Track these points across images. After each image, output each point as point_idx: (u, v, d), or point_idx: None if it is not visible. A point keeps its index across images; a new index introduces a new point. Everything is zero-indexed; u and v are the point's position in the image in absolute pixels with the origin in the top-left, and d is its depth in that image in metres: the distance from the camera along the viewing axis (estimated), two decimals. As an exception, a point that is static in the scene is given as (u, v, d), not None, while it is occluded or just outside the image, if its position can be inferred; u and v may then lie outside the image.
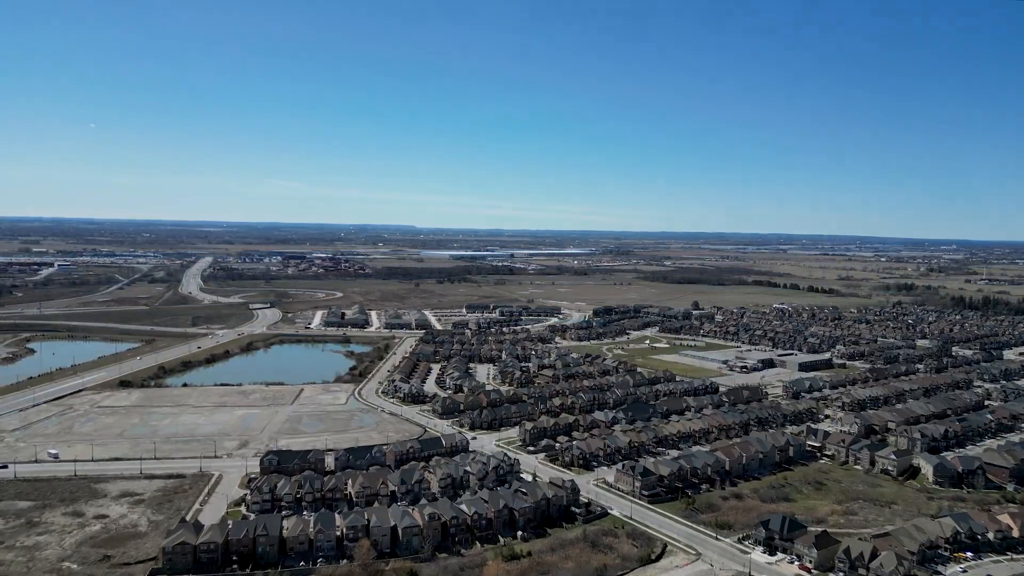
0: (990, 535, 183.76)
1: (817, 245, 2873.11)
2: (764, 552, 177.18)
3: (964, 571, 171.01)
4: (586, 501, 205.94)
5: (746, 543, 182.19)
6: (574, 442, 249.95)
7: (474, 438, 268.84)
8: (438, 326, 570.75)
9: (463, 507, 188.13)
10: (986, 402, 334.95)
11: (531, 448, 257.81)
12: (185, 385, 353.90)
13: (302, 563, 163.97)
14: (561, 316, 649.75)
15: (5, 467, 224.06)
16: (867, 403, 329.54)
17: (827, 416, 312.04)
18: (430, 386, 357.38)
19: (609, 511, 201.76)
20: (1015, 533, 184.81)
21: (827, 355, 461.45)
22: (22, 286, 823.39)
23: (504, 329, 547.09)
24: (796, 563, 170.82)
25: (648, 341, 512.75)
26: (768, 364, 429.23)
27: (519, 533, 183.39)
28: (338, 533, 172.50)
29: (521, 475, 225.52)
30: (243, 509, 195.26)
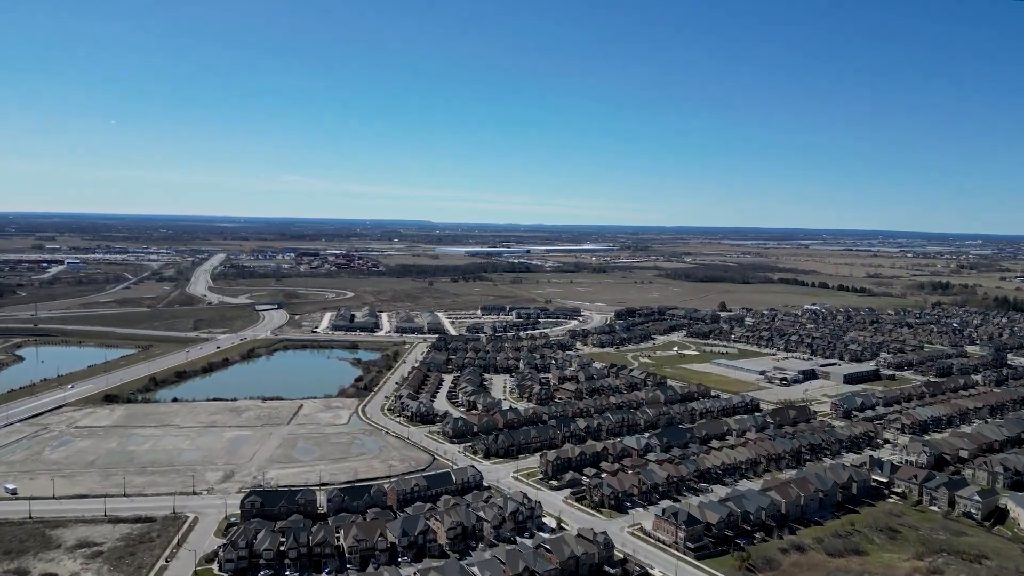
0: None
1: (839, 240, 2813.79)
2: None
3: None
4: (621, 557, 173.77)
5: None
6: (604, 477, 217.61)
7: (489, 468, 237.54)
8: (452, 330, 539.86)
9: (475, 570, 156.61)
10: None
11: (554, 483, 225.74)
12: (175, 400, 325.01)
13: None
14: (581, 318, 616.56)
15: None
16: (929, 424, 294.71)
17: (886, 441, 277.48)
18: (441, 402, 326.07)
19: (650, 571, 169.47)
20: None
21: (872, 364, 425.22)
22: (28, 285, 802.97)
23: (521, 334, 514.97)
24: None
25: (676, 348, 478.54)
26: (809, 375, 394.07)
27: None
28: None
29: (543, 520, 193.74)
30: (215, 568, 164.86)
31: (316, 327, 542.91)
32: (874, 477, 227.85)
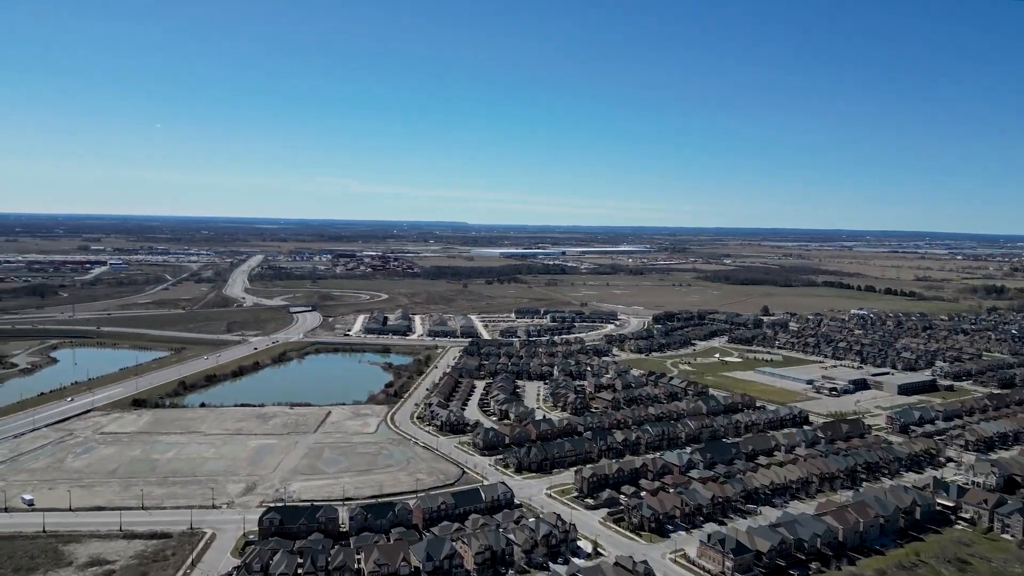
0: None
1: (884, 242, 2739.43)
2: None
3: None
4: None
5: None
6: (643, 497, 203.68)
7: (520, 483, 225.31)
8: (485, 334, 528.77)
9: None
10: None
11: (590, 501, 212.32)
12: (203, 405, 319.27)
13: None
14: (618, 323, 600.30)
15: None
16: (995, 441, 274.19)
17: (949, 459, 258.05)
18: (472, 410, 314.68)
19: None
20: None
21: (927, 374, 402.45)
22: (70, 286, 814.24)
23: (556, 338, 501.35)
24: None
25: (717, 354, 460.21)
26: (861, 385, 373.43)
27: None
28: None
29: (578, 544, 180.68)
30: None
31: (349, 330, 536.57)
32: (939, 501, 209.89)
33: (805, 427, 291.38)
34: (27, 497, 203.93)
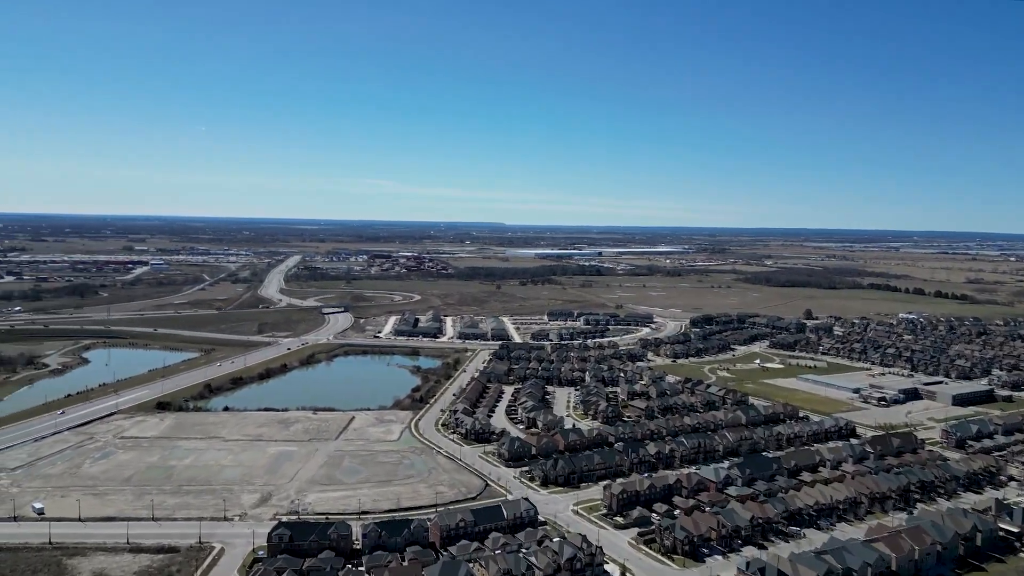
0: None
1: (932, 242, 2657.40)
2: None
3: None
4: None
5: None
6: (677, 517, 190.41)
7: (546, 498, 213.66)
8: (516, 336, 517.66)
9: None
10: None
11: (619, 519, 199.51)
12: (226, 409, 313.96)
13: None
14: (654, 326, 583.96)
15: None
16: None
17: (1011, 478, 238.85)
18: (499, 418, 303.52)
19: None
20: None
21: (984, 383, 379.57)
22: (111, 286, 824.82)
23: (588, 342, 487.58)
24: None
25: (758, 360, 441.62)
26: (912, 395, 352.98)
27: None
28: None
29: (605, 568, 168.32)
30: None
31: (379, 331, 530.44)
32: (1002, 526, 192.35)
33: (852, 440, 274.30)
34: (37, 505, 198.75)
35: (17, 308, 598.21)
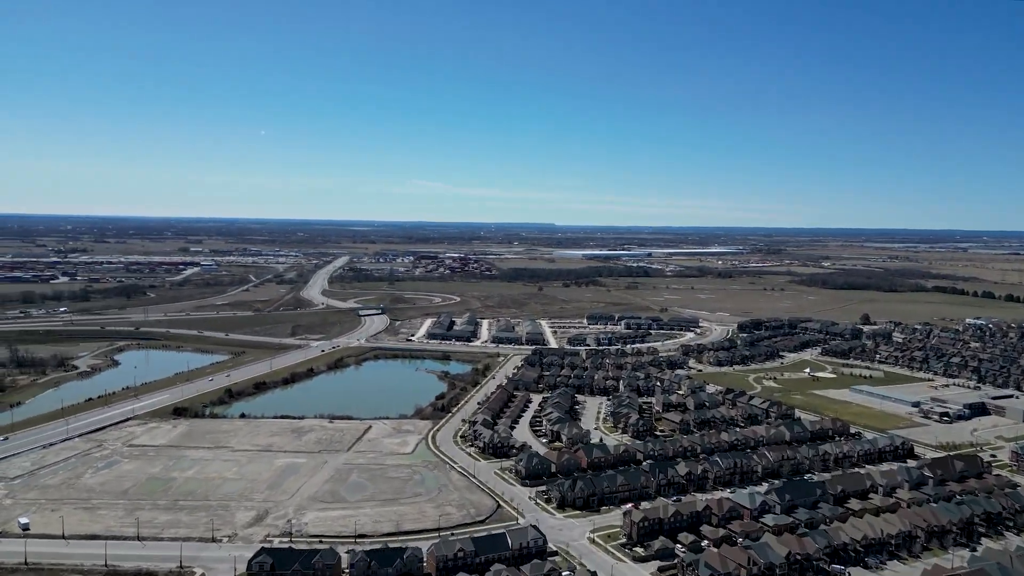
0: None
1: (1003, 243, 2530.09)
2: None
3: None
4: None
5: None
6: (704, 551, 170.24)
7: (561, 523, 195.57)
8: (552, 341, 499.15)
9: None
10: None
11: (639, 551, 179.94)
12: (243, 416, 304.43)
13: None
14: (699, 330, 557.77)
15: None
16: None
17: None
18: (522, 430, 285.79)
19: None
20: None
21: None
22: (160, 287, 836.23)
23: (627, 348, 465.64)
24: None
25: (808, 369, 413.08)
26: (978, 410, 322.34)
27: None
28: None
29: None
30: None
31: (413, 334, 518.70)
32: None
33: (909, 462, 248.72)
34: (23, 520, 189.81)
35: (63, 308, 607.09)
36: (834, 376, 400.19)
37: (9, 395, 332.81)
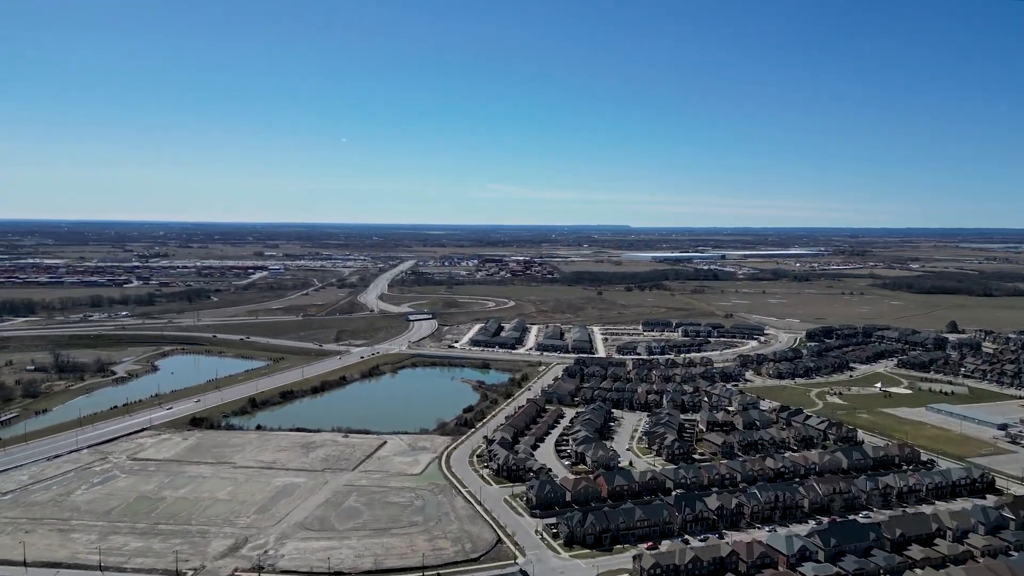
0: None
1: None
2: None
3: None
4: None
5: None
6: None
7: (565, 564, 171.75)
8: (602, 349, 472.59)
9: None
10: None
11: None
12: (259, 428, 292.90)
13: None
14: (763, 338, 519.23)
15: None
16: None
17: None
18: (545, 450, 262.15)
19: None
20: None
21: None
22: (224, 291, 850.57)
23: (680, 357, 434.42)
24: None
25: (880, 384, 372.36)
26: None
27: None
28: None
29: None
30: None
31: (457, 341, 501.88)
32: None
33: (988, 498, 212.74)
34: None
35: (124, 312, 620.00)
36: (909, 392, 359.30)
37: (40, 401, 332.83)
